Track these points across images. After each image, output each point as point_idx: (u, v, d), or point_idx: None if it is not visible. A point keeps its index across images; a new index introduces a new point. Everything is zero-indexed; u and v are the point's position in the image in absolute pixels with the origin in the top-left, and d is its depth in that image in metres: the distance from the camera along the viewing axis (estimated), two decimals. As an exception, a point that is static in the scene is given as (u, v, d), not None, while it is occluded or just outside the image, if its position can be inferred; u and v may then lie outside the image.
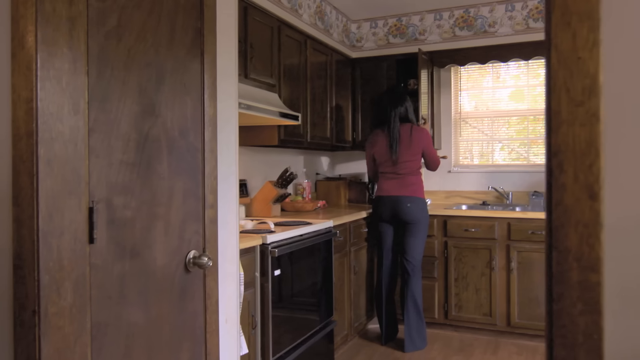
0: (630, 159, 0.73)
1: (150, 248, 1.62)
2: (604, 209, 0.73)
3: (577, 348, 0.73)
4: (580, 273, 0.73)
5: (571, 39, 0.73)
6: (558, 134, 0.74)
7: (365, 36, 4.96)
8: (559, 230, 0.74)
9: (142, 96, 1.59)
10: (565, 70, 0.74)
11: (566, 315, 0.74)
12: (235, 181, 2.15)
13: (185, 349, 1.78)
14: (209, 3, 1.93)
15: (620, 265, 0.73)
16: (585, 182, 0.73)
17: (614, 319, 0.74)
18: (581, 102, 0.73)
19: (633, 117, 0.73)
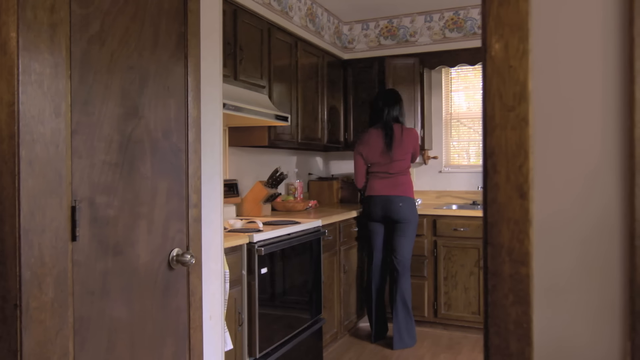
0: (557, 160, 0.78)
1: (133, 246, 1.67)
2: (533, 207, 0.78)
3: (509, 336, 0.79)
4: (512, 266, 0.79)
5: (503, 48, 0.79)
6: (492, 137, 0.79)
7: (357, 38, 5.01)
8: (493, 227, 0.80)
9: (125, 99, 1.64)
10: (498, 77, 0.79)
11: (499, 306, 0.79)
12: (220, 181, 2.21)
13: (169, 344, 1.83)
14: (193, 8, 1.99)
15: (547, 259, 0.79)
16: (515, 182, 0.78)
17: (542, 309, 0.79)
18: (512, 107, 0.78)
19: (559, 121, 0.78)
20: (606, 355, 0.77)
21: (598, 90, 0.77)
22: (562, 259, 0.78)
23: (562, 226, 0.78)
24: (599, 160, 0.77)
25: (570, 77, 0.78)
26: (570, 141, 0.78)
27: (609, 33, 0.76)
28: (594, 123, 0.77)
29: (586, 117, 0.78)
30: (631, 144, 0.74)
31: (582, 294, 0.78)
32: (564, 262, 0.78)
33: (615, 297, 0.76)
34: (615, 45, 0.76)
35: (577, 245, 0.78)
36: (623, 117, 0.75)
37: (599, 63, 0.77)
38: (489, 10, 0.80)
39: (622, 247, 0.76)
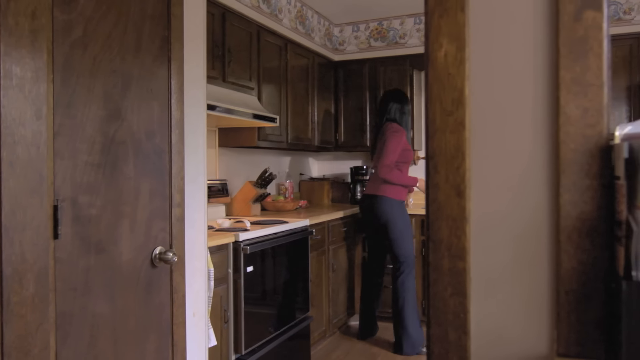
0: (492, 161, 0.84)
1: (116, 244, 1.72)
2: (470, 205, 0.84)
3: (448, 326, 0.85)
4: (450, 261, 0.84)
5: (443, 57, 0.84)
6: (433, 140, 0.85)
7: (348, 40, 5.07)
8: (434, 224, 0.85)
9: (108, 101, 1.69)
10: (438, 84, 0.85)
11: (439, 298, 0.85)
12: (204, 182, 2.26)
13: (152, 340, 1.89)
14: (176, 13, 2.04)
15: (482, 254, 0.84)
16: (453, 182, 0.84)
17: (478, 300, 0.85)
18: (451, 112, 0.84)
19: (493, 125, 0.84)
20: (536, 342, 0.82)
21: (529, 96, 0.83)
22: (496, 253, 0.84)
23: (496, 223, 0.84)
24: (529, 161, 0.82)
25: (503, 84, 0.84)
26: (504, 144, 0.84)
27: (539, 43, 0.82)
28: (525, 127, 0.83)
29: (518, 121, 0.83)
30: (557, 147, 0.80)
31: (514, 286, 0.83)
32: (497, 256, 0.84)
33: (544, 289, 0.82)
34: (543, 55, 0.81)
35: (510, 241, 0.83)
36: (550, 122, 0.81)
37: (530, 71, 0.82)
38: (431, 21, 0.85)
39: (549, 243, 0.81)
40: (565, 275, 0.80)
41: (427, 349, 0.87)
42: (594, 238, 0.78)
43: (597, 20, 0.78)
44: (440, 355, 0.85)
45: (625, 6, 4.24)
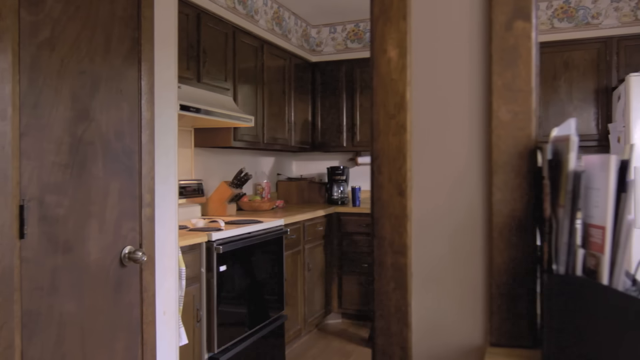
0: (431, 162, 0.89)
1: (84, 243, 1.74)
2: (411, 203, 0.89)
3: (391, 318, 0.89)
4: (393, 257, 0.89)
5: (387, 63, 0.89)
6: (378, 141, 0.89)
7: (325, 41, 5.11)
8: (378, 222, 0.90)
9: (76, 102, 1.71)
10: (382, 89, 0.89)
11: (383, 292, 0.89)
12: (175, 182, 2.28)
13: (121, 338, 1.90)
14: (147, 15, 2.06)
15: (422, 250, 0.89)
16: (396, 181, 0.88)
17: (418, 294, 0.89)
18: (393, 116, 0.88)
19: (433, 128, 0.89)
20: (471, 333, 0.87)
21: (465, 101, 0.87)
22: (435, 249, 0.89)
23: (435, 220, 0.89)
24: (465, 162, 0.87)
25: (442, 89, 0.89)
26: (442, 145, 0.89)
27: (474, 51, 0.87)
28: (461, 130, 0.88)
29: (455, 124, 0.88)
30: (489, 148, 0.85)
31: (452, 280, 0.88)
32: (436, 252, 0.89)
33: (478, 283, 0.87)
34: (478, 62, 0.86)
35: (447, 237, 0.88)
36: (484, 125, 0.86)
37: (466, 77, 0.87)
38: (375, 28, 0.90)
39: (483, 239, 0.86)
40: (497, 270, 0.84)
41: (372, 341, 0.91)
42: (523, 234, 0.83)
43: (526, 30, 0.83)
44: (384, 347, 0.90)
45: (594, 11, 4.36)
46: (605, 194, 0.72)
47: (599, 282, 0.74)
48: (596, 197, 0.74)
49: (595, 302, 0.73)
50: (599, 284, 0.73)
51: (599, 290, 0.73)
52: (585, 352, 0.74)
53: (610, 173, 0.72)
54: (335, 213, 4.52)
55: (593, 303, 0.73)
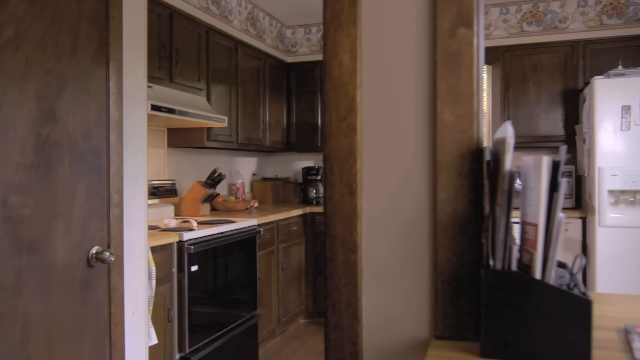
0: (380, 163, 0.92)
1: (50, 244, 1.73)
2: (361, 203, 0.92)
3: (342, 314, 0.92)
4: (344, 254, 0.92)
5: (338, 67, 0.92)
6: (329, 143, 0.93)
7: (300, 42, 5.14)
8: (330, 220, 0.93)
9: (41, 102, 1.70)
10: (334, 92, 0.92)
11: (335, 288, 0.93)
12: (144, 182, 2.28)
13: (88, 339, 1.90)
14: (115, 15, 2.06)
15: (372, 247, 0.92)
16: (347, 181, 0.91)
17: (368, 290, 0.93)
18: (344, 118, 0.91)
19: (382, 130, 0.92)
20: (417, 326, 0.91)
21: (412, 104, 0.91)
22: (384, 246, 0.92)
23: (384, 219, 0.92)
24: (412, 163, 0.91)
25: (390, 92, 0.92)
26: (391, 147, 0.92)
27: (420, 56, 0.90)
28: (409, 131, 0.91)
29: (403, 126, 0.92)
30: (434, 149, 0.88)
31: (399, 276, 0.92)
32: (385, 249, 0.92)
33: (424, 279, 0.91)
34: (424, 66, 0.90)
35: (395, 235, 0.92)
36: (429, 127, 0.90)
37: (412, 81, 0.91)
38: (327, 33, 0.93)
39: (428, 236, 0.90)
40: (441, 266, 0.88)
41: (325, 336, 0.94)
42: (466, 232, 0.86)
43: (468, 37, 0.87)
44: (336, 342, 0.93)
45: (561, 15, 4.47)
46: (537, 193, 0.76)
47: (532, 276, 0.78)
48: (530, 196, 0.78)
49: (528, 295, 0.77)
50: (531, 278, 0.77)
51: (531, 284, 0.77)
52: (519, 342, 0.78)
53: (543, 173, 0.76)
54: (310, 213, 4.55)
55: (526, 296, 0.77)
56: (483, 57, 0.94)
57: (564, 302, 0.75)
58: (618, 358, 0.78)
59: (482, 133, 0.92)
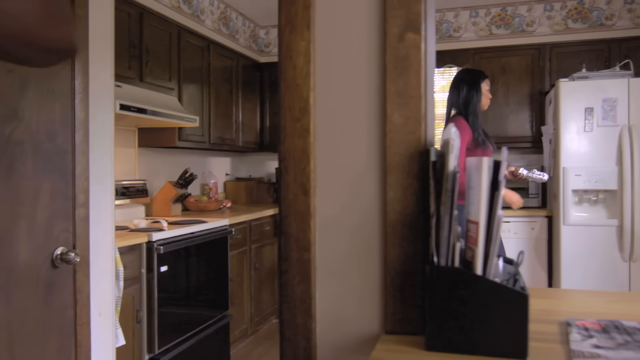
0: (334, 163, 0.95)
1: (12, 245, 1.71)
2: (314, 202, 0.94)
3: (296, 311, 0.95)
4: (298, 252, 0.94)
5: (292, 69, 0.94)
6: (284, 144, 0.95)
7: (273, 42, 5.15)
8: (285, 219, 0.95)
9: (3, 102, 1.68)
10: (288, 94, 0.95)
11: (289, 286, 0.95)
12: (111, 182, 2.27)
13: (52, 340, 1.88)
14: (81, 14, 2.05)
15: (325, 246, 0.95)
16: (300, 181, 0.94)
17: (322, 287, 0.95)
18: (298, 119, 0.94)
19: (335, 131, 0.95)
20: (369, 322, 0.94)
21: (363, 106, 0.94)
22: (337, 244, 0.95)
23: (337, 218, 0.95)
24: (364, 163, 0.94)
25: (343, 94, 0.95)
26: (343, 147, 0.95)
27: (371, 60, 0.93)
28: (360, 133, 0.94)
29: (355, 127, 0.94)
30: (384, 150, 0.91)
31: (352, 273, 0.95)
32: (338, 247, 0.95)
33: (375, 275, 0.94)
34: (375, 70, 0.93)
35: (348, 233, 0.94)
36: (379, 129, 0.93)
37: (364, 84, 0.94)
38: (282, 36, 0.95)
39: (379, 235, 0.93)
40: (391, 263, 0.91)
41: (280, 334, 0.96)
42: (414, 230, 0.90)
43: (416, 42, 0.90)
44: (290, 338, 0.95)
45: (528, 19, 4.57)
46: (478, 192, 0.80)
47: (473, 272, 0.81)
48: (473, 195, 0.81)
49: (469, 290, 0.80)
50: (472, 274, 0.81)
51: (472, 280, 0.80)
52: (461, 334, 0.81)
53: (483, 173, 0.79)
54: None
55: (467, 291, 0.80)
56: (433, 61, 0.97)
57: (503, 296, 0.79)
58: (555, 349, 0.82)
59: (432, 134, 0.95)
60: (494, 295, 0.79)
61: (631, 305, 1.09)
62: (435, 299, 0.82)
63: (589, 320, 0.93)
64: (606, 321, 0.93)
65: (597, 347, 0.80)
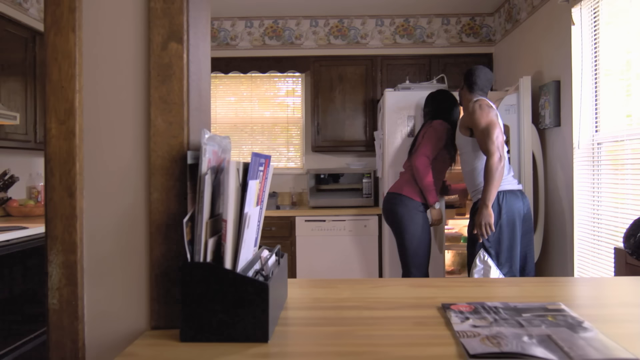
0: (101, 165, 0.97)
1: None
2: (81, 204, 0.95)
3: (62, 313, 0.95)
4: (64, 255, 0.94)
5: (57, 72, 0.94)
6: (50, 146, 0.94)
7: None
8: (51, 222, 0.94)
9: None
10: (53, 96, 0.94)
11: (55, 289, 0.94)
12: None
13: None
14: None
15: (93, 247, 0.96)
16: (66, 184, 0.94)
17: (90, 287, 0.97)
18: (64, 121, 0.94)
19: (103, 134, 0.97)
20: (137, 319, 0.97)
21: (130, 111, 0.97)
22: (105, 245, 0.97)
23: (105, 219, 0.97)
24: (130, 166, 0.97)
25: (110, 98, 0.97)
26: (111, 150, 0.97)
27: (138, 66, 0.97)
28: (127, 136, 0.97)
29: (121, 131, 0.97)
30: (149, 154, 0.95)
31: (120, 273, 0.97)
32: (106, 248, 0.97)
33: (142, 274, 0.97)
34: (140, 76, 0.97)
35: (116, 234, 0.97)
36: (144, 133, 0.97)
37: (131, 89, 0.97)
38: (48, 38, 0.94)
39: (145, 234, 0.97)
40: (155, 261, 0.96)
41: (47, 337, 0.95)
42: (176, 229, 0.95)
43: (179, 51, 0.96)
44: (57, 342, 0.94)
45: (362, 32, 4.93)
46: (227, 192, 0.87)
47: (223, 266, 0.89)
48: (225, 195, 0.88)
49: (218, 282, 0.88)
50: (220, 268, 0.88)
51: (221, 273, 0.88)
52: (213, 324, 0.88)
53: (230, 175, 0.87)
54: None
55: (217, 284, 0.88)
56: (200, 69, 1.03)
57: (246, 287, 0.87)
58: (441, 331, 0.94)
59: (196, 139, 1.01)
60: (239, 286, 0.87)
61: (486, 289, 1.28)
62: (187, 292, 0.88)
63: (461, 304, 1.08)
64: (474, 303, 1.08)
65: (475, 326, 0.94)
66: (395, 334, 0.93)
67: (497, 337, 0.87)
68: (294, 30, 4.92)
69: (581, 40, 3.33)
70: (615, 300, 1.22)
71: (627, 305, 1.14)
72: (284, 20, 4.89)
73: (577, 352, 0.80)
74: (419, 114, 4.02)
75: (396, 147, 4.03)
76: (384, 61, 4.73)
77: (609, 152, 3.12)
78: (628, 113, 2.95)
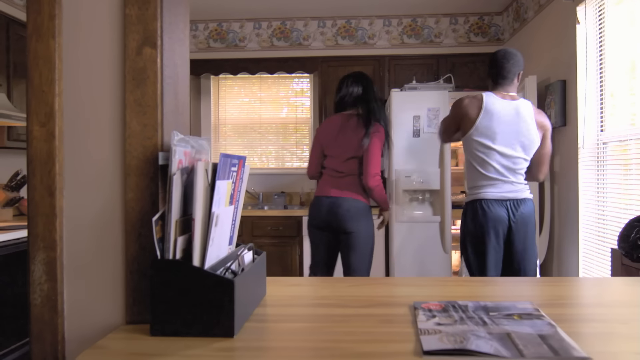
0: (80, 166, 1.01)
1: None
2: (61, 203, 0.99)
3: (43, 308, 0.99)
4: (44, 252, 0.99)
5: (38, 76, 0.98)
6: (31, 147, 0.98)
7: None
8: (32, 220, 0.99)
9: None
10: (35, 99, 0.98)
11: (37, 284, 0.99)
12: None
13: None
14: None
15: (72, 244, 1.01)
16: (46, 184, 0.98)
17: (69, 283, 1.01)
18: (44, 124, 0.98)
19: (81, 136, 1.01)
20: (113, 314, 1.01)
21: (106, 113, 1.01)
22: (84, 243, 1.01)
23: (84, 218, 1.01)
24: (108, 166, 1.01)
25: (88, 101, 1.01)
26: (89, 152, 1.01)
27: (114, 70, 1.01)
28: (104, 138, 1.01)
29: (99, 133, 1.01)
30: (124, 155, 0.99)
31: (98, 269, 1.01)
32: (85, 245, 1.01)
33: (118, 270, 1.01)
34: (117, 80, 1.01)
35: (94, 232, 1.01)
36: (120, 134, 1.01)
37: (107, 92, 1.01)
38: (29, 44, 0.99)
39: (121, 232, 1.01)
40: (131, 258, 0.99)
41: (29, 332, 0.99)
42: (150, 228, 0.98)
43: (153, 56, 0.99)
44: (38, 335, 0.99)
45: (370, 32, 4.94)
46: (195, 192, 0.91)
47: (191, 263, 0.92)
48: (194, 195, 0.91)
49: (186, 279, 0.91)
50: (188, 265, 0.91)
51: (189, 270, 0.91)
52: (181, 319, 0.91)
53: (198, 175, 0.90)
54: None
55: (185, 280, 0.91)
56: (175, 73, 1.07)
57: (213, 283, 0.90)
58: (406, 329, 0.96)
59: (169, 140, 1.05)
60: (205, 282, 0.90)
61: (462, 288, 1.31)
62: (157, 288, 0.91)
63: (432, 303, 1.11)
64: (445, 302, 1.11)
65: (439, 324, 0.96)
66: (360, 330, 0.96)
67: (456, 334, 0.89)
68: (302, 31, 4.96)
69: (586, 39, 3.30)
70: (588, 300, 1.22)
71: (598, 305, 1.15)
72: (291, 21, 4.93)
73: (530, 349, 0.82)
74: (424, 114, 4.02)
75: (403, 147, 4.04)
76: (391, 61, 4.73)
77: (614, 152, 3.09)
78: (633, 113, 2.92)
